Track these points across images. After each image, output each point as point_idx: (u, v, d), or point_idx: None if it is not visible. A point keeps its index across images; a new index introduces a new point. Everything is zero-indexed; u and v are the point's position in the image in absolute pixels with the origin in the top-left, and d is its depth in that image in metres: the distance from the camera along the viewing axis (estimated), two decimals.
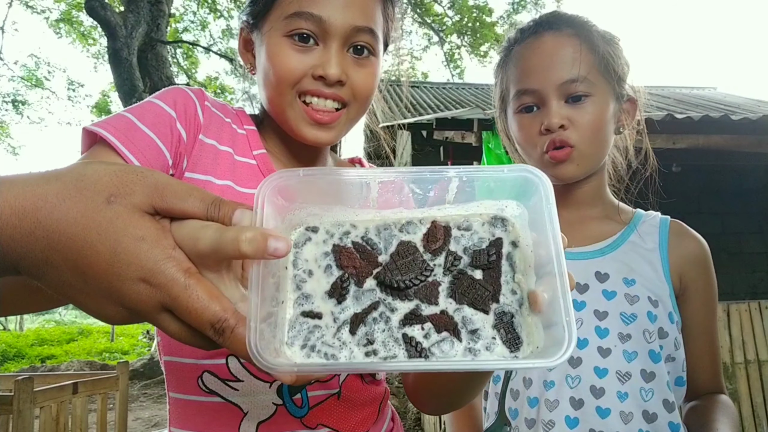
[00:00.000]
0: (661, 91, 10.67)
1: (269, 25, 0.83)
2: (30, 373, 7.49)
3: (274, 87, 0.83)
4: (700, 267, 1.07)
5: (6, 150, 18.76)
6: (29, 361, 13.60)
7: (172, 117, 0.79)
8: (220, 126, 0.87)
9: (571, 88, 1.00)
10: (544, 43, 1.04)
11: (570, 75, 1.00)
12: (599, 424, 0.96)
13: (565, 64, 1.01)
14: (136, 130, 0.75)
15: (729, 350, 4.30)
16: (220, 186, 0.82)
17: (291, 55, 0.80)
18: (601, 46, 1.03)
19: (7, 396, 2.63)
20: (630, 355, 0.99)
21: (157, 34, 9.27)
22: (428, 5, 14.50)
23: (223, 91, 14.81)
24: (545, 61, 1.03)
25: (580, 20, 1.06)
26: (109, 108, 15.03)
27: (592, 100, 1.01)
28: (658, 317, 1.00)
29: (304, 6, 0.79)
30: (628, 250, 1.07)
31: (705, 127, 4.54)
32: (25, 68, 15.36)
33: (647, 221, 1.11)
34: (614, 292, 1.02)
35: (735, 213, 6.86)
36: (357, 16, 0.81)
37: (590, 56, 1.02)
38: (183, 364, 0.80)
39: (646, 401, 0.97)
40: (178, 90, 0.84)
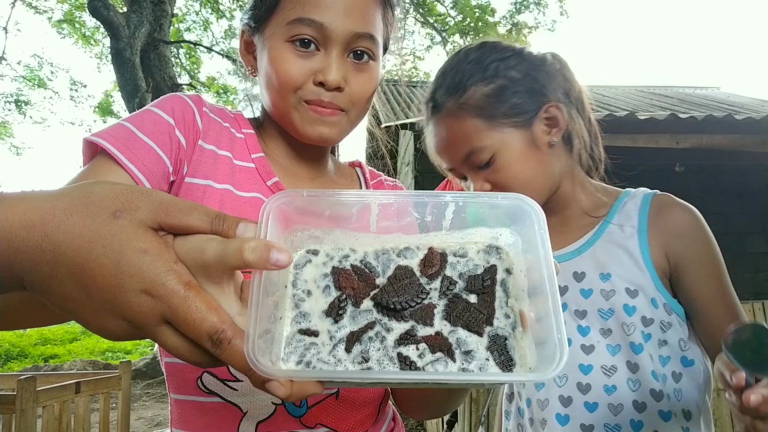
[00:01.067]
0: (665, 90, 10.65)
1: (271, 29, 0.84)
2: (33, 372, 7.51)
3: (278, 91, 0.84)
4: (687, 238, 1.02)
5: (9, 150, 18.81)
6: (32, 360, 13.63)
7: (171, 124, 0.80)
8: (219, 131, 0.88)
9: (474, 159, 1.04)
10: (437, 129, 1.09)
11: (466, 150, 1.05)
12: (588, 418, 0.98)
13: (457, 144, 1.06)
14: (135, 139, 0.76)
15: None
16: (220, 190, 0.83)
17: (293, 61, 0.82)
18: (485, 102, 1.04)
19: (9, 395, 2.64)
20: (614, 349, 1.00)
21: (159, 34, 9.28)
22: (431, 5, 14.49)
23: (225, 91, 14.81)
24: (442, 145, 1.09)
25: (457, 81, 1.07)
26: (111, 108, 15.04)
27: (498, 157, 1.03)
28: (637, 308, 1.00)
29: (305, 12, 0.81)
30: (604, 244, 1.06)
31: (708, 127, 4.53)
32: (28, 68, 15.39)
33: (629, 203, 1.09)
34: (591, 290, 1.03)
35: (738, 213, 6.84)
36: (357, 23, 0.83)
37: (475, 121, 1.03)
38: (183, 366, 0.80)
39: (633, 392, 0.98)
40: (176, 97, 0.85)
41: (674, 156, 4.90)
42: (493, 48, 1.08)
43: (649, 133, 4.53)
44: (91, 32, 13.95)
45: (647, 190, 1.10)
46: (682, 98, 8.95)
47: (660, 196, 1.08)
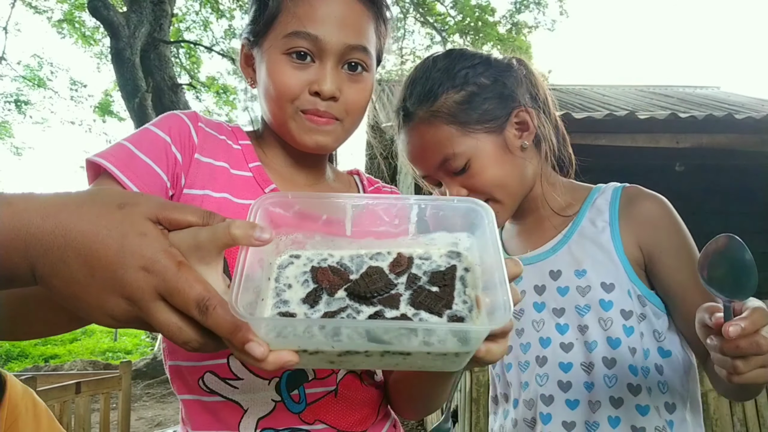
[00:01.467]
0: (665, 90, 10.65)
1: (269, 43, 0.89)
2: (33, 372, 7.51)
3: (275, 102, 0.89)
4: (658, 227, 1.03)
5: (9, 150, 18.82)
6: (32, 360, 13.64)
7: (167, 142, 0.85)
8: (215, 144, 0.92)
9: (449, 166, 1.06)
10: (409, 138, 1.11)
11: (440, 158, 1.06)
12: (570, 415, 1.00)
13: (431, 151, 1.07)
14: (133, 157, 0.81)
15: None
16: (217, 198, 0.87)
17: (289, 73, 0.86)
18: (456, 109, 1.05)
19: None
20: (590, 345, 1.01)
21: (159, 34, 9.28)
22: (430, 5, 14.49)
23: (225, 91, 14.80)
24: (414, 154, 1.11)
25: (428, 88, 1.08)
26: (111, 108, 15.04)
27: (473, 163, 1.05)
28: (614, 302, 1.01)
29: (301, 26, 0.85)
30: (578, 240, 1.07)
31: (709, 126, 4.53)
32: (28, 68, 15.39)
33: (599, 198, 1.10)
34: (567, 288, 1.05)
35: (738, 212, 6.84)
36: (351, 35, 0.87)
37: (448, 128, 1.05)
38: (186, 367, 0.84)
39: (610, 387, 0.99)
40: (173, 115, 0.90)
41: (674, 155, 4.90)
42: (461, 55, 1.10)
43: (649, 132, 4.53)
44: (91, 32, 13.94)
45: (617, 184, 1.11)
46: (682, 98, 8.94)
47: (629, 188, 1.09)
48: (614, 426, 0.98)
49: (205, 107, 15.73)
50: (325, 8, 0.86)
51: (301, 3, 0.86)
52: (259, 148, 0.98)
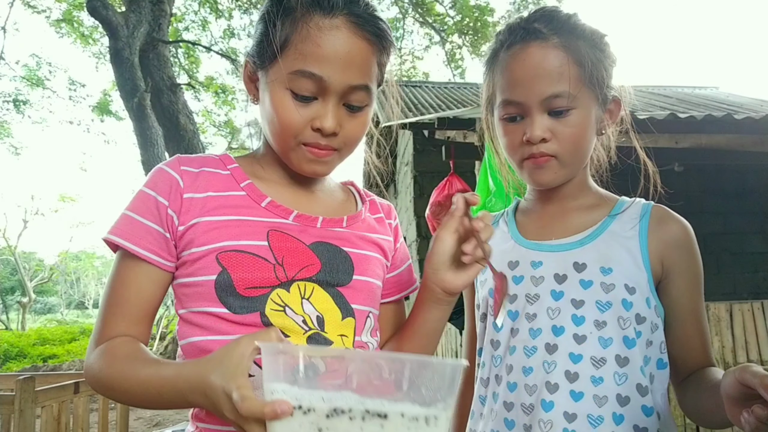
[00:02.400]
0: (664, 90, 10.66)
1: (274, 74, 0.92)
2: (32, 372, 7.51)
3: (278, 134, 0.93)
4: (682, 249, 1.08)
5: (8, 150, 18.80)
6: (31, 360, 13.64)
7: (155, 198, 0.93)
8: (204, 178, 0.97)
9: (555, 102, 1.02)
10: (530, 55, 1.04)
11: (553, 90, 1.02)
12: (572, 407, 0.99)
13: (551, 79, 1.02)
14: (136, 224, 0.92)
15: (732, 350, 4.29)
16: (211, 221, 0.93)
17: (293, 110, 0.90)
18: (587, 57, 1.04)
19: (8, 395, 2.64)
20: (605, 342, 1.02)
21: (158, 34, 9.26)
22: (429, 5, 14.48)
23: (223, 91, 14.78)
24: (530, 74, 1.04)
25: (569, 25, 1.06)
26: (110, 108, 15.01)
27: (575, 112, 1.04)
28: (634, 304, 1.03)
29: (306, 65, 0.88)
30: (607, 239, 1.09)
31: (708, 127, 4.53)
32: (26, 68, 15.36)
33: (629, 209, 1.13)
34: (591, 281, 1.05)
35: (737, 213, 6.84)
36: (354, 76, 0.91)
37: (576, 69, 1.03)
38: None
39: (619, 385, 1.00)
40: (157, 171, 0.97)
41: (673, 156, 4.89)
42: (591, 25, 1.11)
43: (648, 132, 4.52)
44: (90, 32, 13.91)
45: (644, 200, 1.15)
46: (681, 98, 8.95)
47: (659, 207, 1.13)
48: (618, 423, 0.98)
49: (204, 107, 15.75)
50: (330, 48, 0.88)
51: (308, 41, 0.88)
52: (256, 164, 1.03)
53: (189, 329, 0.92)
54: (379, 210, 1.14)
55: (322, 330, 0.92)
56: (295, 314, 0.90)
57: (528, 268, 1.11)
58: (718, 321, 4.32)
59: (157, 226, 0.91)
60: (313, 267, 0.93)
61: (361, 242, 1.02)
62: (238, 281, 0.88)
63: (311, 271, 0.93)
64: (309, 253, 0.94)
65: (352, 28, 0.90)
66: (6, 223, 51.80)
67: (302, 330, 0.90)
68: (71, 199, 33.00)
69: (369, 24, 0.92)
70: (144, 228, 0.91)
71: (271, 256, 0.91)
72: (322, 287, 0.94)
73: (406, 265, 1.16)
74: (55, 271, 40.99)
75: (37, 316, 40.92)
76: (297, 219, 0.96)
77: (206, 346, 0.88)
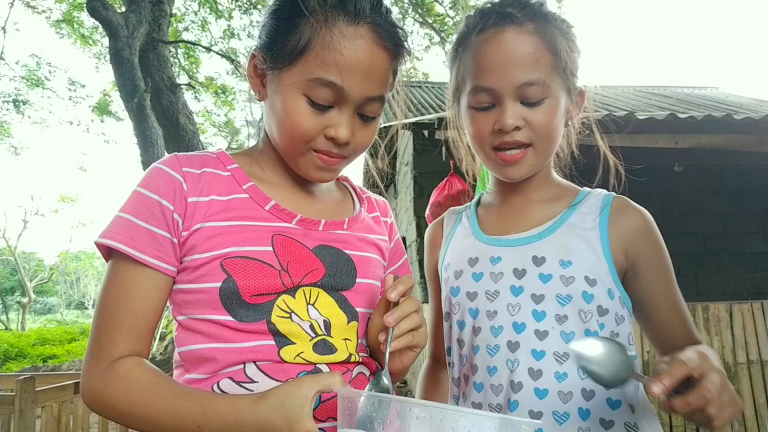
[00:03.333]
0: (664, 90, 10.66)
1: (290, 78, 0.88)
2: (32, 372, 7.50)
3: (289, 138, 0.91)
4: (645, 239, 1.06)
5: (8, 150, 18.79)
6: (31, 360, 13.62)
7: (159, 202, 0.88)
8: (207, 180, 0.93)
9: (528, 91, 0.99)
10: (504, 39, 1.00)
11: (528, 77, 0.99)
12: (538, 404, 0.97)
13: (525, 65, 0.99)
14: (135, 228, 0.86)
15: (732, 350, 4.29)
16: (215, 227, 0.89)
17: (308, 116, 0.88)
18: (560, 45, 1.02)
19: (8, 396, 2.64)
20: (567, 336, 1.00)
21: (158, 34, 9.25)
22: (429, 5, 14.48)
23: (223, 91, 14.77)
24: (504, 59, 1.00)
25: (542, 12, 1.03)
26: (109, 108, 15.01)
27: (547, 101, 1.01)
28: (595, 296, 1.01)
29: (327, 74, 0.85)
30: (566, 232, 1.07)
31: (707, 127, 4.53)
32: (26, 68, 15.36)
33: (590, 200, 1.11)
34: (550, 275, 1.03)
35: (737, 213, 6.84)
36: (373, 87, 0.90)
37: (550, 57, 1.00)
38: (203, 379, 0.87)
39: (583, 379, 0.98)
40: (157, 171, 0.91)
41: (673, 156, 4.90)
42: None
43: (648, 133, 4.53)
44: (90, 32, 13.90)
45: (605, 191, 1.13)
46: (681, 98, 8.96)
47: (619, 197, 1.11)
48: (584, 418, 0.97)
49: (204, 107, 15.73)
50: (353, 57, 0.86)
51: (331, 48, 0.85)
52: (254, 164, 1.00)
53: (190, 336, 0.89)
54: (376, 208, 1.13)
55: (329, 335, 0.91)
56: (302, 320, 0.89)
57: (487, 264, 1.09)
58: (718, 321, 4.32)
59: (164, 232, 0.87)
60: (317, 272, 0.92)
61: (362, 244, 1.02)
62: (244, 289, 0.86)
63: (316, 276, 0.92)
64: (313, 257, 0.93)
65: (374, 38, 0.88)
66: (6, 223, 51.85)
67: (309, 336, 0.89)
68: (71, 199, 32.99)
69: (390, 33, 0.90)
70: (149, 234, 0.86)
71: (276, 262, 0.89)
72: (326, 292, 0.93)
73: (402, 261, 1.15)
74: (55, 271, 40.99)
75: (37, 317, 40.89)
76: (300, 223, 0.95)
77: (208, 354, 0.86)
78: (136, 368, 0.83)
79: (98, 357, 0.84)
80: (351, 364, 0.92)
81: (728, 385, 0.77)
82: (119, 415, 0.82)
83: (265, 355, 0.86)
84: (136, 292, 0.85)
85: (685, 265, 6.56)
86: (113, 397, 0.81)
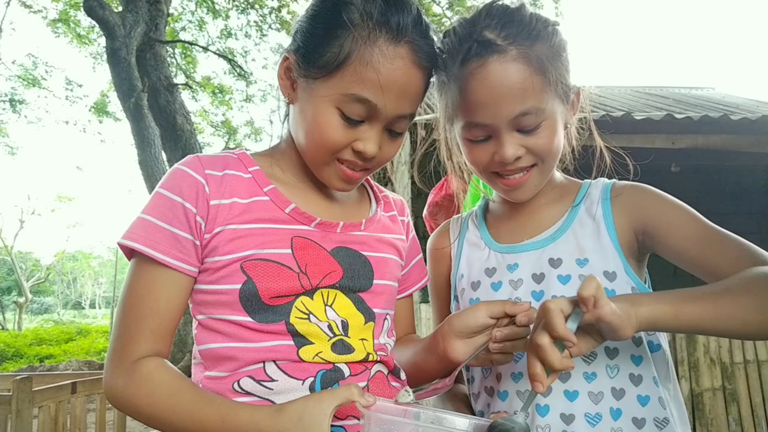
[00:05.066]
0: (661, 91, 10.68)
1: (325, 90, 0.88)
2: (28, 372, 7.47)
3: (316, 147, 0.91)
4: (648, 201, 1.03)
5: (4, 149, 18.75)
6: (28, 360, 13.58)
7: (183, 204, 0.88)
8: (229, 182, 0.93)
9: (524, 121, 0.96)
10: (490, 73, 0.94)
11: (522, 108, 0.94)
12: (569, 407, 0.96)
13: (516, 97, 0.94)
14: (158, 230, 0.87)
15: (728, 350, 4.30)
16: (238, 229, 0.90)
17: (339, 128, 0.88)
18: (547, 62, 0.96)
19: (5, 396, 2.63)
20: None
21: (155, 34, 9.25)
22: (427, 6, 14.48)
23: (221, 91, 14.77)
24: (493, 93, 0.95)
25: (523, 26, 0.96)
26: (107, 108, 14.98)
27: (545, 123, 0.98)
28: (616, 291, 1.00)
29: (363, 90, 0.85)
30: (577, 229, 1.06)
31: (704, 127, 4.55)
32: (23, 68, 15.31)
33: (591, 193, 1.10)
34: (569, 276, 1.02)
35: (734, 213, 6.87)
36: (406, 107, 0.90)
37: (539, 79, 0.95)
38: (224, 377, 0.88)
39: (612, 378, 0.97)
40: (179, 173, 0.91)
41: (670, 156, 4.92)
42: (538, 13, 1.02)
43: (645, 133, 4.54)
44: (86, 31, 13.88)
45: (606, 180, 1.12)
46: (678, 99, 8.97)
47: (616, 186, 1.09)
48: (616, 418, 0.95)
49: (201, 107, 15.71)
50: (391, 77, 0.85)
51: (370, 67, 0.84)
52: (276, 167, 1.00)
53: (209, 335, 0.90)
54: (393, 207, 1.13)
55: (346, 335, 0.92)
56: (320, 321, 0.90)
57: (505, 273, 1.09)
58: None
59: (188, 234, 0.88)
60: (335, 274, 0.93)
61: (379, 244, 1.02)
62: (263, 291, 0.87)
63: (334, 278, 0.93)
64: (330, 259, 0.94)
65: (413, 58, 0.87)
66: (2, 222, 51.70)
67: (327, 336, 0.90)
68: (68, 198, 32.95)
69: (429, 54, 0.90)
70: (172, 236, 0.87)
71: (294, 264, 0.90)
72: (344, 293, 0.94)
73: (417, 259, 1.16)
74: (52, 271, 40.89)
75: (34, 317, 40.78)
76: (318, 226, 0.95)
77: (227, 353, 0.88)
78: (159, 370, 0.84)
79: (121, 356, 0.85)
80: (369, 363, 0.93)
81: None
82: (140, 415, 0.83)
83: (285, 355, 0.87)
84: (158, 293, 0.87)
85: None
86: (134, 396, 0.83)
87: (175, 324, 0.90)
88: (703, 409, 4.17)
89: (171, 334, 0.89)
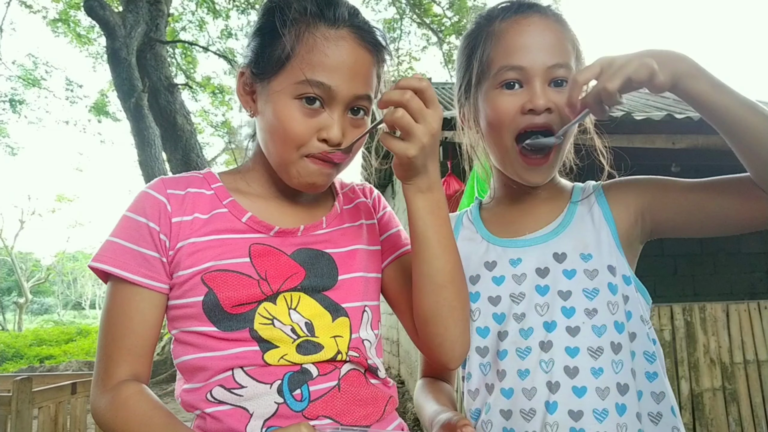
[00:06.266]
0: None
1: (279, 85, 0.91)
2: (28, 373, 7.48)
3: (282, 145, 0.92)
4: (639, 183, 1.08)
5: (4, 150, 18.75)
6: (28, 361, 13.60)
7: (147, 224, 0.92)
8: (188, 201, 0.96)
9: (558, 72, 1.01)
10: (533, 23, 1.03)
11: (557, 59, 1.01)
12: (577, 403, 0.96)
13: (553, 48, 1.01)
14: (125, 251, 0.91)
15: (728, 350, 4.31)
16: (200, 242, 0.93)
17: (300, 119, 0.90)
18: (574, 41, 1.06)
19: (5, 396, 2.63)
20: (599, 330, 0.99)
21: (156, 34, 9.24)
22: (427, 6, 14.47)
23: (221, 91, 14.76)
24: (535, 40, 1.02)
25: (558, 12, 1.08)
26: (107, 108, 14.99)
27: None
28: (619, 286, 1.01)
29: (314, 75, 0.88)
30: (580, 223, 1.08)
31: (705, 128, 4.51)
32: (23, 68, 15.32)
33: (586, 190, 1.13)
34: (574, 270, 1.03)
35: None
36: (359, 86, 0.92)
37: (569, 46, 1.04)
38: (197, 388, 0.91)
39: (617, 373, 0.97)
40: (144, 195, 0.95)
41: (670, 156, 4.91)
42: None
43: (645, 133, 4.54)
44: (86, 31, 13.87)
45: (593, 182, 1.15)
46: (678, 99, 8.96)
47: (605, 184, 1.13)
48: (621, 413, 0.95)
49: (201, 107, 15.73)
50: (338, 58, 0.89)
51: (316, 51, 0.89)
52: (240, 180, 1.03)
53: (182, 348, 0.93)
54: (358, 195, 1.13)
55: (312, 335, 0.92)
56: (284, 325, 0.91)
57: (507, 267, 1.08)
58: (715, 321, 4.34)
59: (154, 252, 0.91)
60: (296, 276, 0.94)
61: (343, 238, 1.02)
62: (224, 300, 0.89)
63: (295, 281, 0.94)
64: (291, 263, 0.95)
65: (356, 39, 0.92)
66: (2, 223, 51.73)
67: (291, 339, 0.91)
68: (68, 199, 32.96)
69: (370, 35, 0.94)
70: (140, 255, 0.90)
71: (253, 272, 0.91)
72: (308, 294, 0.95)
73: (396, 229, 1.11)
74: (52, 271, 40.92)
75: (34, 317, 40.82)
76: (278, 234, 0.97)
77: (199, 363, 0.90)
78: (134, 397, 0.87)
79: (103, 378, 0.89)
80: (338, 362, 0.93)
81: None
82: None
83: (251, 361, 0.89)
84: (132, 312, 0.90)
85: (682, 266, 6.57)
86: (112, 421, 0.86)
87: (152, 342, 0.93)
88: (703, 409, 4.17)
89: (149, 353, 0.92)
